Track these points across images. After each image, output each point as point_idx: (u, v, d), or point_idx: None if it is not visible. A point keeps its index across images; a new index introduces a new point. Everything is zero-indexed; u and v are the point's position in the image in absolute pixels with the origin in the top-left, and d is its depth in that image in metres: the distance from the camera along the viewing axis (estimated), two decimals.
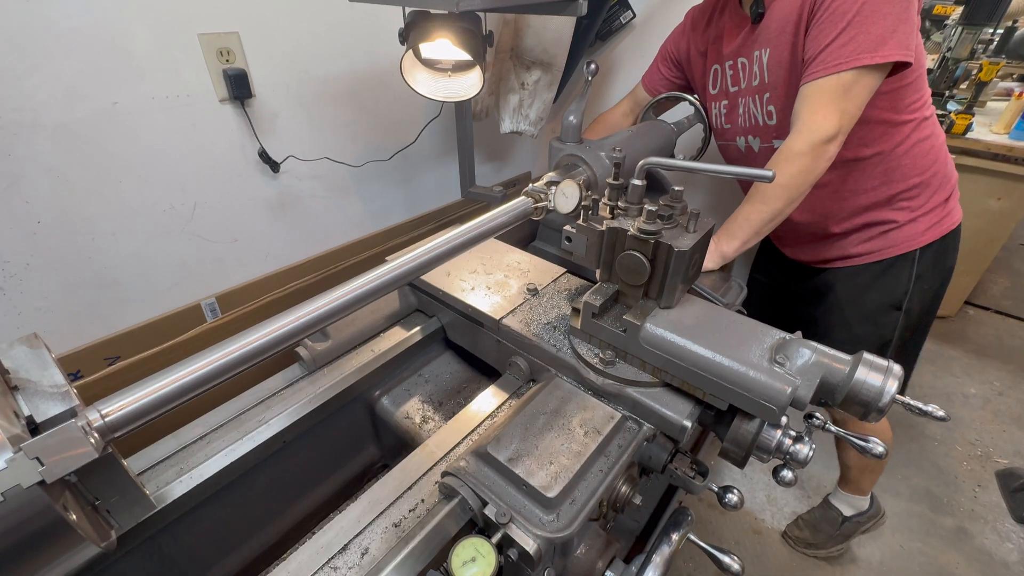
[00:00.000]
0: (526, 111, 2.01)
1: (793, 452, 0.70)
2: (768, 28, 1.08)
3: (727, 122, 1.30)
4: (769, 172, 0.68)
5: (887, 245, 1.23)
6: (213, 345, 0.54)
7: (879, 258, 1.24)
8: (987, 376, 2.50)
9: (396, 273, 0.67)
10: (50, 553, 0.44)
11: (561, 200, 0.85)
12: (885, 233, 1.23)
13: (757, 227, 1.06)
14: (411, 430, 1.02)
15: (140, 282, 1.46)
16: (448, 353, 1.18)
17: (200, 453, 0.84)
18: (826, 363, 0.68)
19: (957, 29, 2.59)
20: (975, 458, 2.10)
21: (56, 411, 0.46)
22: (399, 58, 1.31)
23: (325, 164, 1.72)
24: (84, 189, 1.28)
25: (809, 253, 1.37)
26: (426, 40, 1.24)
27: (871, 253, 1.25)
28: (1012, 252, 3.31)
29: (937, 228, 1.23)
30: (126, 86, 1.26)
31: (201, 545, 0.88)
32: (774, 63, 1.10)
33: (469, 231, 0.75)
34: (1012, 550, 1.76)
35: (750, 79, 1.18)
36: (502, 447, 0.69)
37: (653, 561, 0.71)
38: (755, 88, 1.17)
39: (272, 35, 1.46)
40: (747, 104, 1.21)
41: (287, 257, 1.77)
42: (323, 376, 0.99)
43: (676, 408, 0.74)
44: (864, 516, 1.70)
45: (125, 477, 0.50)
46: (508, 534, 0.62)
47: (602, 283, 0.81)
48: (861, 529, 1.72)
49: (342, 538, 0.69)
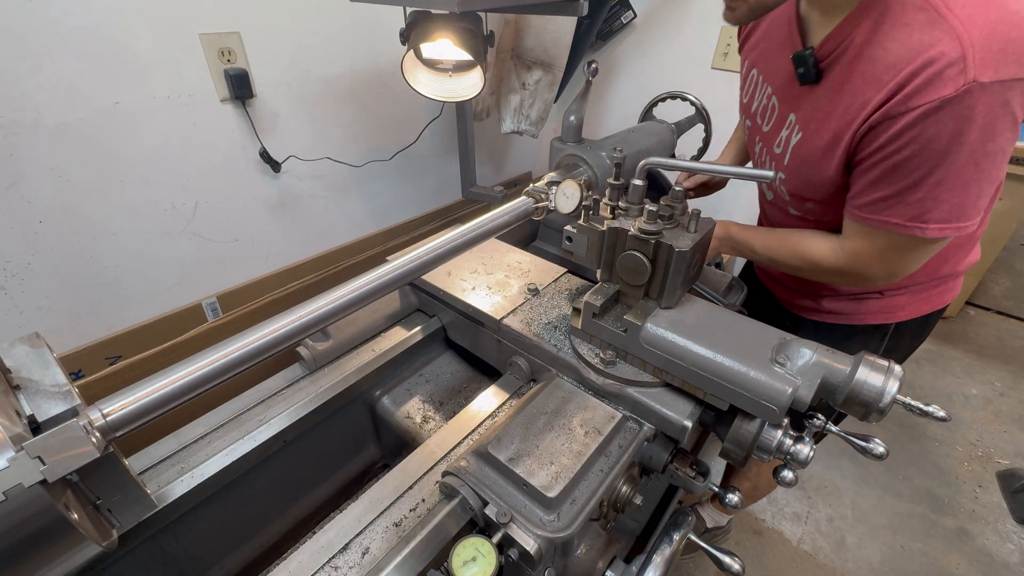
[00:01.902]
0: (527, 111, 2.01)
1: (794, 452, 0.70)
2: (814, 102, 0.84)
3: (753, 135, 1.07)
4: (769, 172, 0.68)
5: (860, 311, 1.07)
6: (214, 345, 0.54)
7: (847, 322, 1.09)
8: (988, 376, 2.50)
9: (397, 273, 0.67)
10: (51, 552, 0.44)
11: (562, 200, 0.85)
12: (861, 300, 1.06)
13: (762, 256, 0.99)
14: (412, 430, 1.02)
15: (141, 282, 1.46)
16: (449, 353, 1.18)
17: (201, 452, 0.84)
18: (827, 363, 0.68)
19: None
20: (976, 459, 2.10)
21: (57, 410, 0.46)
22: (400, 58, 1.31)
23: (326, 164, 1.72)
24: (85, 189, 1.28)
25: (784, 292, 1.21)
26: (427, 40, 1.24)
27: (841, 315, 1.09)
28: (1013, 252, 3.30)
29: (924, 305, 1.04)
30: (127, 86, 1.26)
31: (202, 544, 0.88)
32: (800, 156, 0.89)
33: (470, 231, 0.75)
34: (1013, 551, 1.76)
35: (773, 136, 0.96)
36: (503, 447, 0.69)
37: (653, 561, 0.71)
38: (775, 153, 0.96)
39: (273, 35, 1.46)
40: (764, 150, 1.02)
41: (288, 257, 1.78)
42: (324, 376, 0.99)
43: (676, 408, 0.74)
44: (720, 531, 1.78)
45: (126, 476, 0.50)
46: (509, 534, 0.62)
47: (603, 283, 0.81)
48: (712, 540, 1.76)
49: (343, 537, 0.69)
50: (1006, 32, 0.64)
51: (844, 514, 1.89)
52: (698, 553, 1.65)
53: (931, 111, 0.67)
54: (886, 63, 0.71)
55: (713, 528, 1.76)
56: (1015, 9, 0.66)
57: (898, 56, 0.70)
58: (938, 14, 0.67)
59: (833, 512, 1.89)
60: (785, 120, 0.92)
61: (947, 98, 0.65)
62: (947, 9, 0.67)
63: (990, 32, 0.64)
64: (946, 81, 0.65)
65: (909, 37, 0.69)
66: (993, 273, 3.15)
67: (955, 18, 0.66)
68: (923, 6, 0.69)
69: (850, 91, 0.77)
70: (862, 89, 0.75)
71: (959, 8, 0.66)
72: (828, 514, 1.89)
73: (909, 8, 0.70)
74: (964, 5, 0.66)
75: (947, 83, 0.65)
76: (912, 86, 0.68)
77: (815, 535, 1.82)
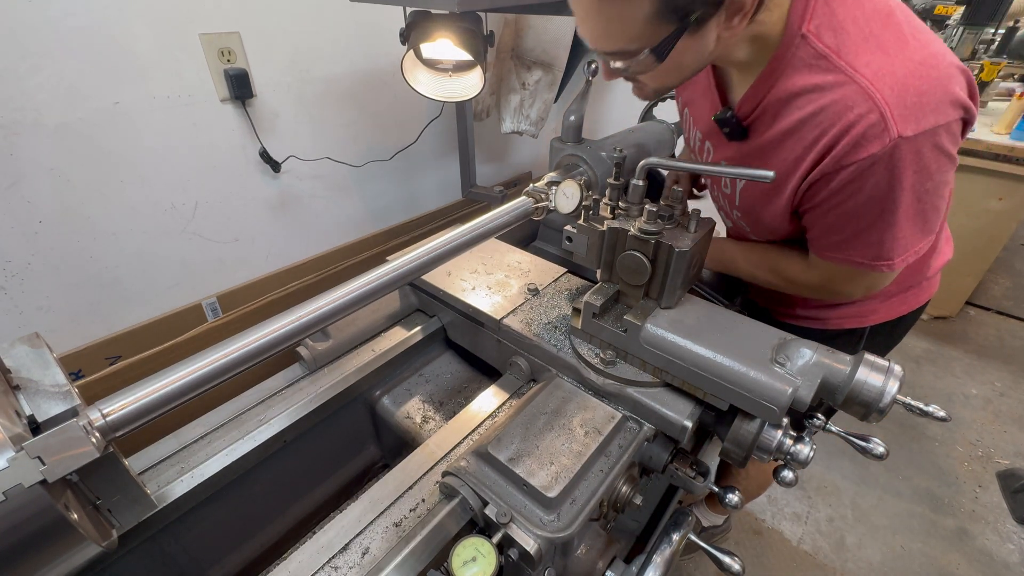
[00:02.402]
0: (527, 111, 2.01)
1: (794, 452, 0.70)
2: (746, 154, 0.86)
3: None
4: (770, 173, 0.67)
5: (834, 316, 1.06)
6: (214, 345, 0.54)
7: (823, 327, 1.08)
8: (988, 376, 2.50)
9: (397, 273, 0.67)
10: (51, 552, 0.44)
11: (562, 200, 0.85)
12: (834, 306, 1.06)
13: (744, 271, 1.01)
14: (412, 430, 1.02)
15: (141, 282, 1.46)
16: (449, 353, 1.18)
17: (201, 452, 0.84)
18: (827, 363, 0.68)
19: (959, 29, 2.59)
20: (976, 459, 2.10)
21: (57, 410, 0.46)
22: (400, 58, 1.31)
23: (326, 164, 1.72)
24: (85, 189, 1.28)
25: (762, 296, 1.19)
26: (427, 40, 1.24)
27: (816, 320, 1.08)
28: (1013, 252, 3.30)
29: (899, 307, 1.05)
30: (127, 86, 1.26)
31: (202, 544, 0.88)
32: (749, 201, 0.91)
33: (470, 231, 0.75)
34: (1013, 551, 1.76)
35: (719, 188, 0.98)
36: (503, 447, 0.69)
37: (653, 561, 0.71)
38: (725, 193, 0.97)
39: (273, 35, 1.46)
40: (715, 185, 1.02)
41: (288, 257, 1.78)
42: (324, 376, 0.99)
43: (677, 408, 0.74)
44: (719, 530, 1.78)
45: (126, 476, 0.50)
46: (509, 534, 0.62)
47: (603, 283, 0.81)
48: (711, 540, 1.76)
49: (343, 537, 0.69)
50: (917, 85, 0.65)
51: (844, 514, 1.89)
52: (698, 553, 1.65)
53: (864, 167, 0.69)
54: (807, 125, 0.73)
55: (709, 528, 1.76)
56: (919, 59, 0.66)
57: (818, 119, 0.71)
58: (844, 74, 0.67)
59: (833, 512, 1.89)
60: (719, 164, 0.93)
61: (876, 155, 0.67)
62: (849, 66, 0.67)
63: (901, 88, 0.65)
64: (871, 140, 0.67)
65: (822, 97, 0.70)
66: (993, 273, 3.15)
67: (862, 77, 0.66)
68: (825, 65, 0.69)
69: (779, 148, 0.78)
70: (791, 147, 0.76)
71: (863, 65, 0.67)
72: (828, 514, 1.89)
73: (811, 66, 0.70)
74: (867, 63, 0.67)
75: (873, 142, 0.67)
76: (839, 148, 0.69)
77: (815, 535, 1.82)
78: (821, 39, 0.69)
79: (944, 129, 0.67)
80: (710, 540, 1.74)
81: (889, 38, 0.68)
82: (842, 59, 0.68)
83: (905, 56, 0.67)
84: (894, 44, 0.68)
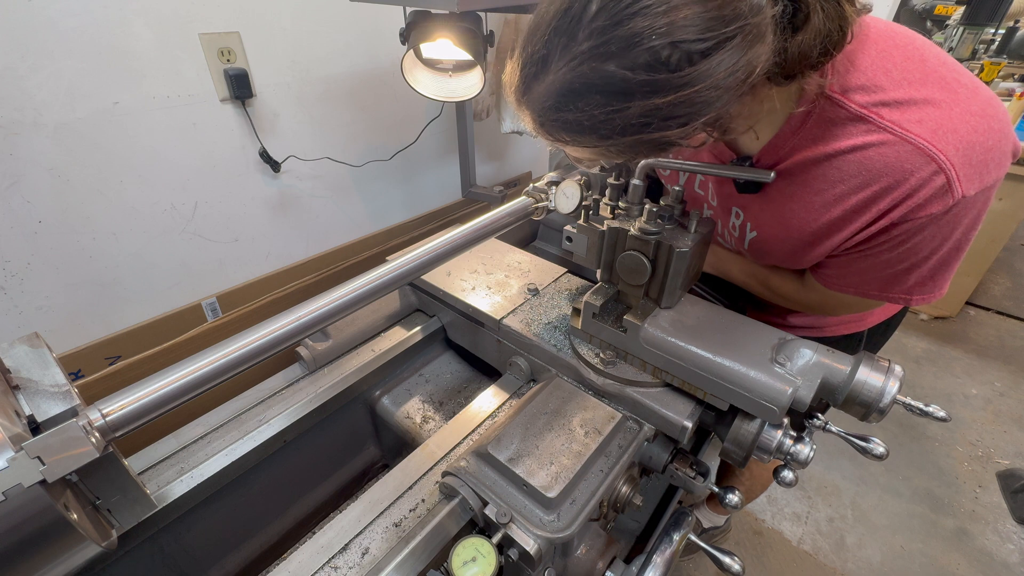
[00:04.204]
0: None
1: (794, 453, 0.70)
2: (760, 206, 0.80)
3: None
4: (769, 173, 0.68)
5: (830, 324, 1.03)
6: (213, 345, 0.54)
7: (818, 335, 1.03)
8: (988, 377, 2.50)
9: (396, 273, 0.67)
10: (51, 552, 0.44)
11: (562, 200, 0.85)
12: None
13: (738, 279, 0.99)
14: (411, 430, 1.02)
15: (141, 282, 1.46)
16: (448, 353, 1.18)
17: (201, 452, 0.84)
18: (827, 363, 0.68)
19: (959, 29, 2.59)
20: (976, 459, 2.09)
21: (57, 410, 0.46)
22: (400, 58, 1.31)
23: (326, 164, 1.72)
24: (85, 189, 1.28)
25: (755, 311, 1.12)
26: (427, 40, 1.24)
27: (812, 328, 1.04)
28: (1013, 252, 3.30)
29: (893, 308, 1.03)
30: (127, 86, 1.26)
31: (202, 544, 0.88)
32: (761, 249, 0.86)
33: (470, 231, 0.75)
34: (1013, 551, 1.76)
35: (723, 216, 0.91)
36: (503, 447, 0.69)
37: (653, 562, 0.71)
38: (733, 235, 0.91)
39: (273, 35, 1.46)
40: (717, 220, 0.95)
41: (287, 257, 1.78)
42: (323, 376, 0.99)
43: (677, 408, 0.74)
44: (719, 531, 1.78)
45: (126, 476, 0.50)
46: (508, 534, 0.62)
47: (603, 283, 0.81)
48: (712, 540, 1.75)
49: (343, 538, 0.69)
50: (983, 142, 0.61)
51: (844, 514, 1.89)
52: (698, 553, 1.65)
53: (917, 225, 0.65)
54: (855, 187, 0.67)
55: (710, 528, 1.76)
56: (977, 111, 0.62)
57: (868, 181, 0.65)
58: (892, 134, 0.62)
59: (833, 512, 1.89)
60: (729, 210, 0.87)
61: (935, 214, 0.63)
62: (896, 125, 0.61)
63: (967, 147, 0.61)
64: (934, 202, 0.63)
65: (871, 160, 0.64)
66: (993, 273, 3.15)
67: (916, 137, 0.61)
68: (864, 128, 0.63)
69: (804, 204, 0.73)
70: (823, 205, 0.71)
71: (914, 123, 0.61)
72: (828, 514, 1.88)
73: (847, 126, 0.65)
74: (919, 120, 0.61)
75: (935, 204, 0.63)
76: (898, 211, 0.65)
77: (815, 535, 1.82)
78: (851, 98, 0.63)
79: (1000, 179, 0.64)
80: (710, 541, 1.74)
81: (934, 88, 0.62)
82: (885, 119, 0.62)
83: (961, 108, 0.62)
84: (942, 94, 0.62)
